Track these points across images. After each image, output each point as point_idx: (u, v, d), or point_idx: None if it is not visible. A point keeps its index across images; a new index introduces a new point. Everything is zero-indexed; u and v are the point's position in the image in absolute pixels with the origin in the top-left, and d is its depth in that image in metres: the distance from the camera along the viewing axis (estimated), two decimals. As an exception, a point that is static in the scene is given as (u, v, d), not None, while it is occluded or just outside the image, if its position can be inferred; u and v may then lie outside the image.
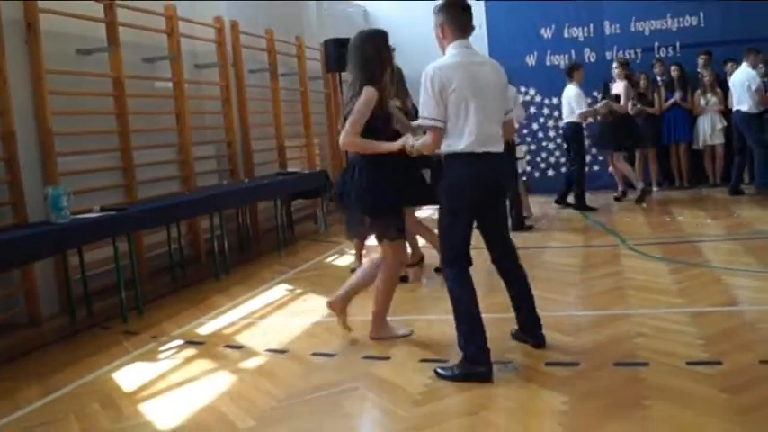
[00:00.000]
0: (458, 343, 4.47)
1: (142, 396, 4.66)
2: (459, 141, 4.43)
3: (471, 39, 4.61)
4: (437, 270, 7.63)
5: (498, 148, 4.54)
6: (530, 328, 4.87)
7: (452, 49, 4.52)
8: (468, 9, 4.59)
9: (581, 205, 10.84)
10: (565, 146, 11.76)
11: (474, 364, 4.37)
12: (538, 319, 4.85)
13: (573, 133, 10.96)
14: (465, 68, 4.44)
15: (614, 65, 11.63)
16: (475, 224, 4.64)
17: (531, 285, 4.86)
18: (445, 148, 4.50)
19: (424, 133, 4.60)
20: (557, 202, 11.39)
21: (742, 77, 10.93)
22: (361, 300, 5.51)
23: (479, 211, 4.64)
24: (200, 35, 9.71)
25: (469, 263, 4.58)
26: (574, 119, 10.89)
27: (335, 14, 14.28)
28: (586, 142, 11.66)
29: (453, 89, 4.38)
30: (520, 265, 4.86)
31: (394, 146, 4.82)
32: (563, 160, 12.91)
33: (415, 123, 5.00)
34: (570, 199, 11.10)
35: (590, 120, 11.48)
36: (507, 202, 5.53)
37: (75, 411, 4.44)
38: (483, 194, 4.56)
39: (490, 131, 4.48)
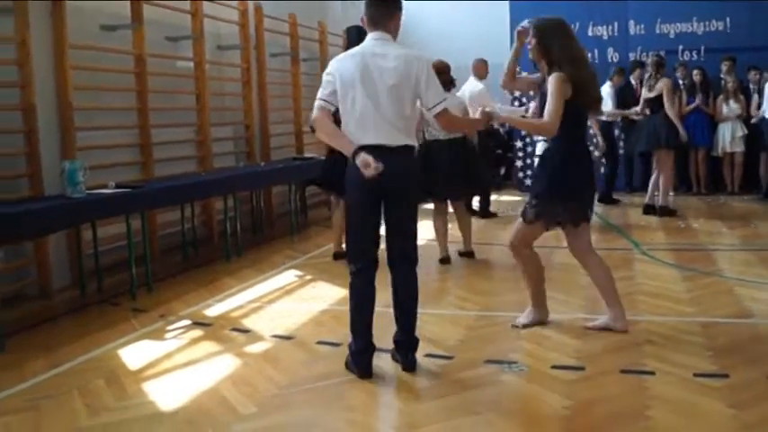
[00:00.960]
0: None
1: (146, 375, 4.69)
2: (348, 132, 4.41)
3: (492, 35, 4.58)
4: (462, 254, 7.68)
5: (392, 141, 4.38)
6: (402, 348, 4.63)
7: (366, 40, 4.52)
8: (380, 4, 4.52)
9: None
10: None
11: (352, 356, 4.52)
12: (413, 341, 4.62)
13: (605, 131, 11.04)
14: (362, 59, 4.39)
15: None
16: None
17: (417, 303, 4.63)
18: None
19: None
20: (600, 201, 11.20)
21: None
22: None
23: (374, 208, 4.47)
24: (224, 17, 9.71)
25: (374, 261, 4.50)
26: (605, 117, 10.94)
27: (360, 2, 14.20)
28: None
29: (342, 78, 4.38)
30: (410, 278, 4.58)
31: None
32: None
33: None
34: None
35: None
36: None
37: (80, 387, 4.46)
38: (372, 189, 4.34)
39: (381, 124, 4.37)
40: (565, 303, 5.91)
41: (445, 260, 7.48)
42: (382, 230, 4.54)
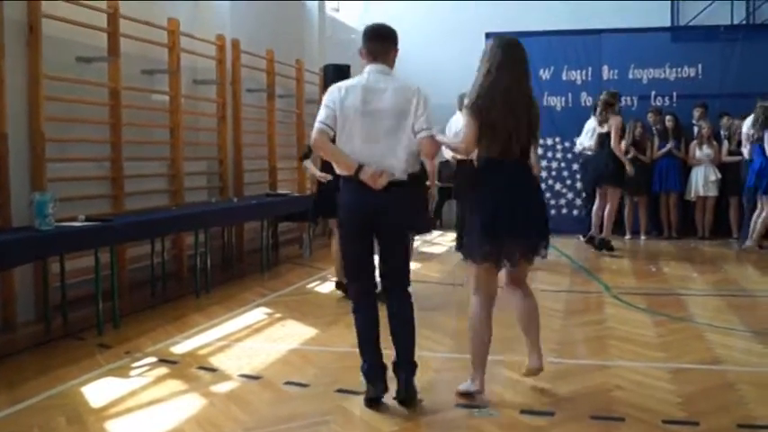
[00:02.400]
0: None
1: (109, 414, 4.59)
2: None
3: (469, 70, 4.64)
4: None
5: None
6: (399, 372, 4.62)
7: (363, 73, 4.66)
8: (377, 38, 4.72)
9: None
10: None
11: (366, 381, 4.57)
12: (411, 366, 4.63)
13: None
14: (361, 90, 4.53)
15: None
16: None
17: (414, 340, 4.68)
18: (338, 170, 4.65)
19: None
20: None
21: None
22: (339, 329, 5.45)
23: (366, 237, 4.62)
24: (201, 51, 9.71)
25: (371, 287, 4.68)
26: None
27: (337, 40, 14.31)
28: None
29: (342, 107, 4.51)
30: (404, 303, 4.66)
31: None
32: (554, 201, 12.96)
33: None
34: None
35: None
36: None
37: (41, 425, 4.36)
38: (361, 221, 4.56)
39: (376, 156, 4.51)
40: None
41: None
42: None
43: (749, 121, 10.93)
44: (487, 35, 13.11)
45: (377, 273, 4.72)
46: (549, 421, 4.35)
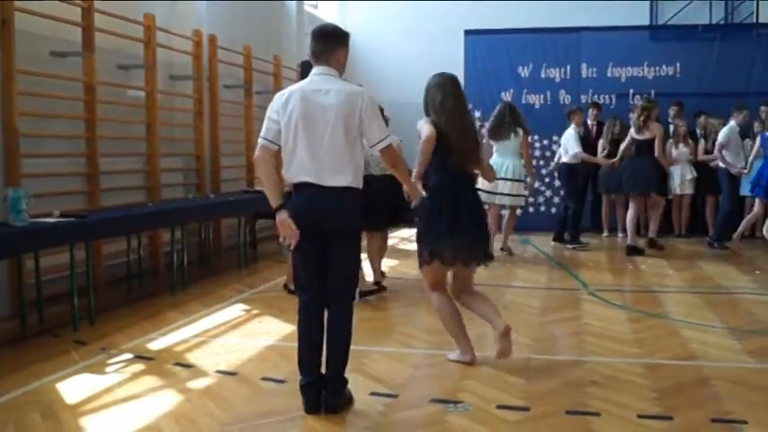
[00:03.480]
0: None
1: (85, 410, 4.56)
2: (288, 170, 4.42)
3: (447, 68, 4.65)
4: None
5: (331, 181, 4.33)
6: (328, 386, 4.46)
7: (309, 76, 4.52)
8: (320, 39, 4.49)
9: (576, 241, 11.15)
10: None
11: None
12: (340, 381, 4.49)
13: (568, 173, 11.32)
14: (302, 95, 4.37)
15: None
16: None
17: (347, 356, 4.50)
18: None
19: None
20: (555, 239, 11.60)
21: None
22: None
23: (313, 246, 4.39)
24: (178, 46, 9.65)
25: (319, 296, 4.46)
26: (567, 159, 11.22)
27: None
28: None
29: (285, 116, 4.37)
30: (343, 316, 4.48)
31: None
32: (532, 199, 13.01)
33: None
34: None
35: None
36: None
37: (15, 421, 4.33)
38: (305, 228, 4.32)
39: (323, 173, 4.33)
40: (514, 343, 5.87)
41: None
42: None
43: (726, 130, 11.05)
44: (466, 33, 13.23)
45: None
46: (524, 416, 4.36)
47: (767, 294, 7.76)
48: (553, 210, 13.12)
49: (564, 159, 11.35)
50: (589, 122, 12.26)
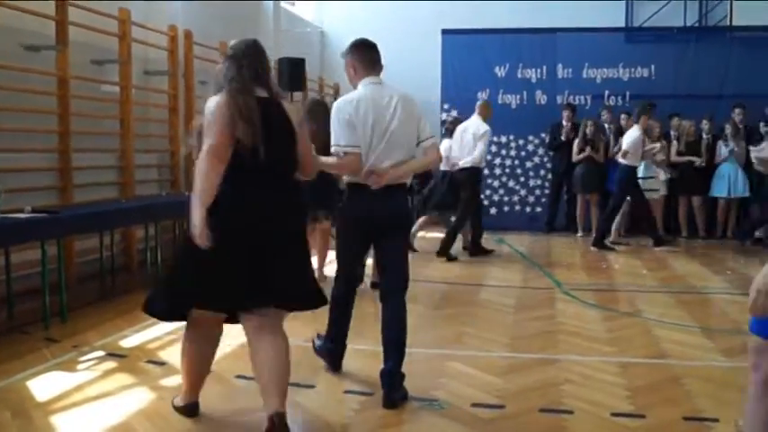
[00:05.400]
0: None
1: (56, 408, 4.50)
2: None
3: (424, 67, 4.66)
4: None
5: (398, 180, 4.65)
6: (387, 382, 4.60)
7: (362, 86, 4.65)
8: (374, 47, 4.73)
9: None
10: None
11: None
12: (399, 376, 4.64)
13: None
14: (372, 103, 4.56)
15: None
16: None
17: (404, 350, 4.70)
18: (348, 177, 4.68)
19: None
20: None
21: None
22: (290, 323, 5.40)
23: (366, 240, 4.86)
24: (153, 42, 9.58)
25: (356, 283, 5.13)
26: (628, 162, 10.94)
27: (292, 34, 14.24)
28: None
29: (359, 122, 4.51)
30: (399, 320, 4.80)
31: None
32: (507, 198, 13.08)
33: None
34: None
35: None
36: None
37: (-16, 419, 4.28)
38: (373, 225, 4.67)
39: (389, 163, 4.57)
40: (488, 341, 5.92)
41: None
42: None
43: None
44: (443, 32, 13.24)
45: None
46: (499, 414, 4.38)
47: (738, 294, 7.83)
48: (527, 209, 13.20)
49: (623, 161, 10.89)
50: (564, 123, 12.35)
